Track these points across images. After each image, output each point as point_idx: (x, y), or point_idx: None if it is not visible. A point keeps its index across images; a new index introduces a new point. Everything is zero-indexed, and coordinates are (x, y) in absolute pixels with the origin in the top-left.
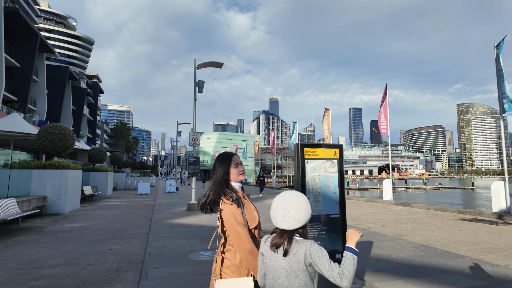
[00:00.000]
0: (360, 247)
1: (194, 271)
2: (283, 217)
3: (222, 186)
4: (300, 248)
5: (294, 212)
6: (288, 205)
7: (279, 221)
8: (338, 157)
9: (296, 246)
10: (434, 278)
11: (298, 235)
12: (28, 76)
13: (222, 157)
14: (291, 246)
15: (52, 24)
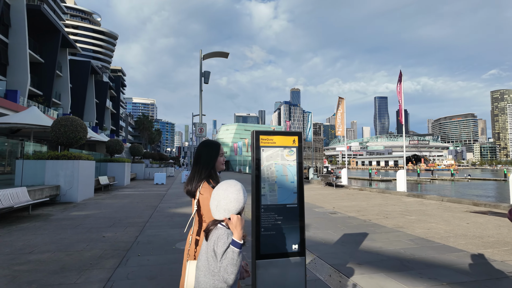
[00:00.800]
0: (352, 238)
1: (174, 260)
2: (216, 208)
3: (210, 172)
4: (214, 234)
5: (224, 203)
6: (220, 196)
7: (213, 211)
8: (297, 145)
9: (213, 232)
10: (417, 272)
11: (223, 223)
12: (52, 71)
13: (210, 144)
14: (210, 233)
15: (78, 21)
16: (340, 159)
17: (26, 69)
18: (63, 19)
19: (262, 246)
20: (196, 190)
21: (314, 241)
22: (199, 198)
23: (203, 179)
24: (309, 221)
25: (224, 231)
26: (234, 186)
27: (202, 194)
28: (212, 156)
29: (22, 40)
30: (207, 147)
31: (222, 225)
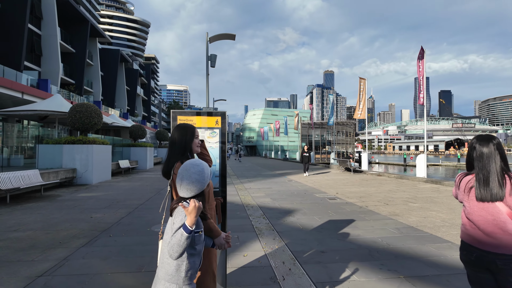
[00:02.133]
0: (334, 225)
1: (141, 241)
2: (180, 187)
3: (185, 154)
4: (176, 212)
5: (187, 182)
6: (183, 176)
7: (178, 189)
8: (220, 126)
9: (176, 210)
10: (380, 263)
11: (187, 201)
12: (83, 60)
13: (184, 126)
14: (173, 211)
15: (113, 10)
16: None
17: (58, 59)
18: (98, 9)
19: None
20: (171, 171)
21: (292, 226)
22: (172, 178)
23: (178, 160)
24: (302, 206)
25: (183, 211)
26: (196, 166)
27: (175, 174)
28: (186, 139)
29: (53, 31)
30: (181, 130)
31: (186, 203)
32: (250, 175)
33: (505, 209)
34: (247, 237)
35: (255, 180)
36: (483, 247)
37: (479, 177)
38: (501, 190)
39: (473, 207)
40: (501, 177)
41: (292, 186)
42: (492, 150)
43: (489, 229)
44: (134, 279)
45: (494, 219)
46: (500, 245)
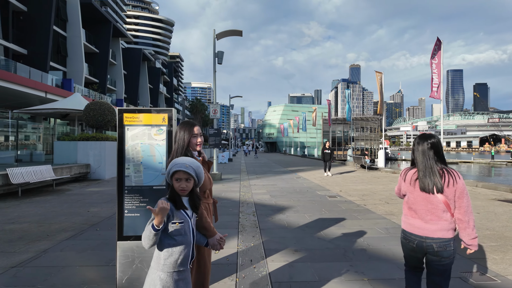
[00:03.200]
0: (321, 224)
1: None
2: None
3: (184, 152)
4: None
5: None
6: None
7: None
8: (166, 123)
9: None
10: (350, 264)
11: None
12: (105, 60)
13: (184, 124)
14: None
15: (139, 10)
16: (405, 139)
17: (82, 59)
18: (124, 10)
19: (125, 227)
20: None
21: (277, 224)
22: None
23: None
24: (298, 203)
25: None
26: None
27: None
28: (184, 137)
29: (77, 32)
30: (181, 128)
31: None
32: (261, 171)
33: (443, 199)
34: (227, 234)
35: (263, 177)
36: (422, 233)
37: (422, 171)
38: (439, 181)
39: (416, 197)
40: (439, 171)
41: (297, 183)
42: (428, 148)
43: (429, 217)
44: (97, 273)
45: (433, 207)
46: (437, 230)
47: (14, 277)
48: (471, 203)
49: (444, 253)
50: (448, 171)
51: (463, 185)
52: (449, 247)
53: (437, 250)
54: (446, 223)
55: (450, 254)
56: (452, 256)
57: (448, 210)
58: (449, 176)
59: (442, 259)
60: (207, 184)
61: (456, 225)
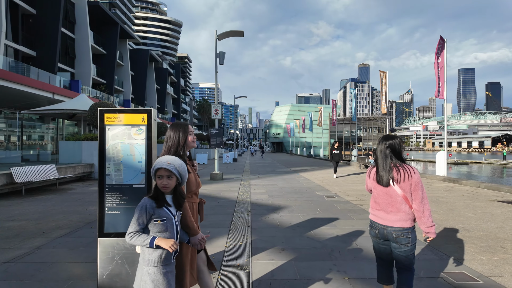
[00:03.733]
0: (313, 223)
1: None
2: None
3: (176, 151)
4: None
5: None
6: None
7: None
8: (146, 123)
9: None
10: (333, 263)
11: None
12: (113, 61)
13: (178, 125)
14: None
15: (147, 12)
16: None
17: (89, 60)
18: (133, 11)
19: (106, 224)
20: None
21: (269, 224)
22: None
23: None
24: (294, 203)
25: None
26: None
27: None
28: (180, 136)
29: (85, 34)
30: (175, 129)
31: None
32: (263, 171)
33: (400, 193)
34: (218, 233)
35: (265, 177)
36: (384, 223)
37: (379, 167)
38: (391, 177)
39: (379, 192)
40: (394, 167)
41: (298, 183)
42: (385, 147)
43: (389, 208)
44: (84, 269)
45: (392, 200)
46: (396, 220)
47: (5, 272)
48: (426, 195)
49: (402, 240)
50: (403, 167)
51: (418, 179)
52: (407, 235)
53: (396, 237)
54: (405, 214)
55: (408, 241)
56: (410, 243)
57: (406, 202)
58: (404, 171)
59: (401, 245)
60: (192, 186)
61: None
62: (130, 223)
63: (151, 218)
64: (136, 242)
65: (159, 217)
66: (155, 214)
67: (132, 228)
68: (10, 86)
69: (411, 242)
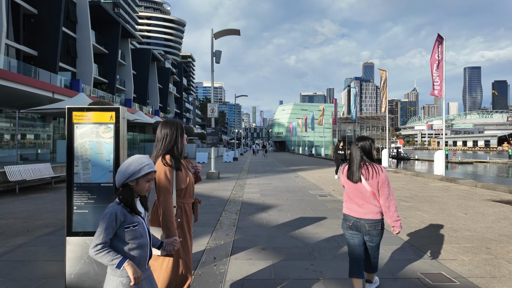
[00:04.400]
0: (300, 223)
1: None
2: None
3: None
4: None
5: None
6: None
7: None
8: (114, 121)
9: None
10: (311, 263)
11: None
12: (114, 60)
13: (174, 123)
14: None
15: (150, 11)
16: (419, 139)
17: (91, 60)
18: (136, 11)
19: (74, 223)
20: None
21: (256, 223)
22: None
23: (159, 156)
24: (286, 202)
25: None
26: (128, 160)
27: (156, 167)
28: (178, 134)
29: (87, 34)
30: (172, 126)
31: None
32: (262, 170)
33: (369, 189)
34: (202, 232)
35: (262, 176)
36: (356, 215)
37: (350, 165)
38: (360, 174)
39: (350, 187)
40: (362, 166)
41: (293, 182)
42: (357, 148)
43: (360, 202)
44: (59, 267)
45: (362, 195)
46: (367, 213)
47: None
48: (392, 192)
49: (373, 232)
50: (372, 166)
51: (385, 177)
52: (377, 226)
53: (368, 229)
54: (375, 207)
55: (378, 233)
56: (379, 234)
57: (375, 198)
58: (373, 170)
59: (373, 237)
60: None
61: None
62: (96, 233)
63: (121, 225)
64: (102, 259)
65: (131, 223)
66: (126, 221)
67: (99, 239)
68: (9, 86)
69: (380, 234)
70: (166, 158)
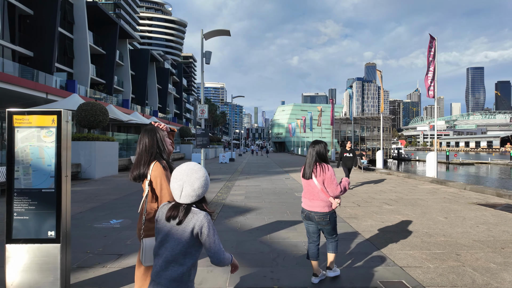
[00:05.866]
0: (275, 226)
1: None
2: (180, 194)
3: (156, 154)
4: (193, 218)
5: (191, 189)
6: (185, 182)
7: (177, 197)
8: (56, 125)
9: (189, 216)
10: (271, 270)
11: (194, 205)
12: (112, 61)
13: (152, 128)
14: (186, 218)
15: (152, 12)
16: (422, 140)
17: (88, 60)
18: (137, 12)
19: (14, 230)
20: (147, 172)
21: (230, 227)
22: (151, 178)
23: (152, 160)
24: (267, 205)
25: (206, 215)
26: (198, 171)
27: (155, 172)
28: (155, 139)
29: (84, 34)
30: (149, 132)
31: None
32: (255, 171)
33: (318, 185)
34: None
35: (252, 178)
36: (309, 208)
37: (305, 165)
38: (313, 172)
39: (305, 184)
40: (314, 165)
41: (282, 184)
42: (312, 150)
43: (311, 197)
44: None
45: (312, 190)
46: (316, 206)
47: None
48: (339, 187)
49: (322, 222)
50: (321, 166)
51: (330, 175)
52: (325, 218)
53: (318, 220)
54: (322, 201)
55: (327, 222)
56: (329, 223)
57: (323, 192)
58: (321, 169)
59: (324, 226)
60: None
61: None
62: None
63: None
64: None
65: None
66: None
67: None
68: (1, 87)
69: (331, 223)
70: (162, 163)
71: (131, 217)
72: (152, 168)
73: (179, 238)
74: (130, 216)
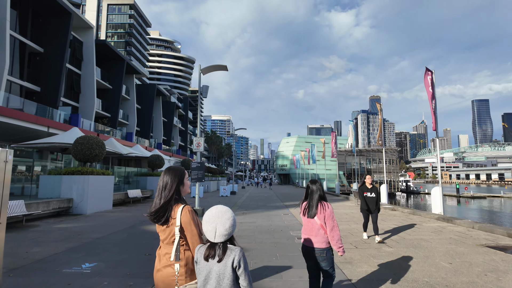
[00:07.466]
0: (259, 274)
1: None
2: (214, 235)
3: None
4: (231, 254)
5: (223, 229)
6: (218, 223)
7: (211, 238)
8: None
9: (228, 252)
10: None
11: (228, 242)
12: (118, 95)
13: (174, 170)
14: (225, 254)
15: (162, 49)
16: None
17: (93, 95)
18: (147, 49)
19: None
20: (171, 215)
21: None
22: (181, 224)
23: (176, 203)
24: (257, 246)
25: (241, 250)
26: (227, 212)
27: (185, 218)
28: (179, 181)
29: (91, 70)
30: (172, 172)
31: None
32: (254, 206)
33: (319, 222)
34: (143, 284)
35: (250, 213)
36: (309, 244)
37: (309, 204)
38: (316, 211)
39: (305, 221)
40: (318, 204)
41: (279, 221)
42: (315, 189)
43: (311, 234)
44: None
45: (313, 227)
46: (316, 242)
47: None
48: (336, 224)
49: (320, 258)
50: (322, 204)
51: (330, 213)
52: (323, 254)
53: (316, 255)
54: (322, 238)
55: (324, 258)
56: (327, 259)
57: (323, 229)
58: (321, 207)
59: (321, 262)
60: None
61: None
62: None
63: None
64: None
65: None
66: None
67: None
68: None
69: (327, 259)
70: (189, 208)
71: (106, 259)
72: (182, 213)
73: (223, 273)
74: (105, 259)
